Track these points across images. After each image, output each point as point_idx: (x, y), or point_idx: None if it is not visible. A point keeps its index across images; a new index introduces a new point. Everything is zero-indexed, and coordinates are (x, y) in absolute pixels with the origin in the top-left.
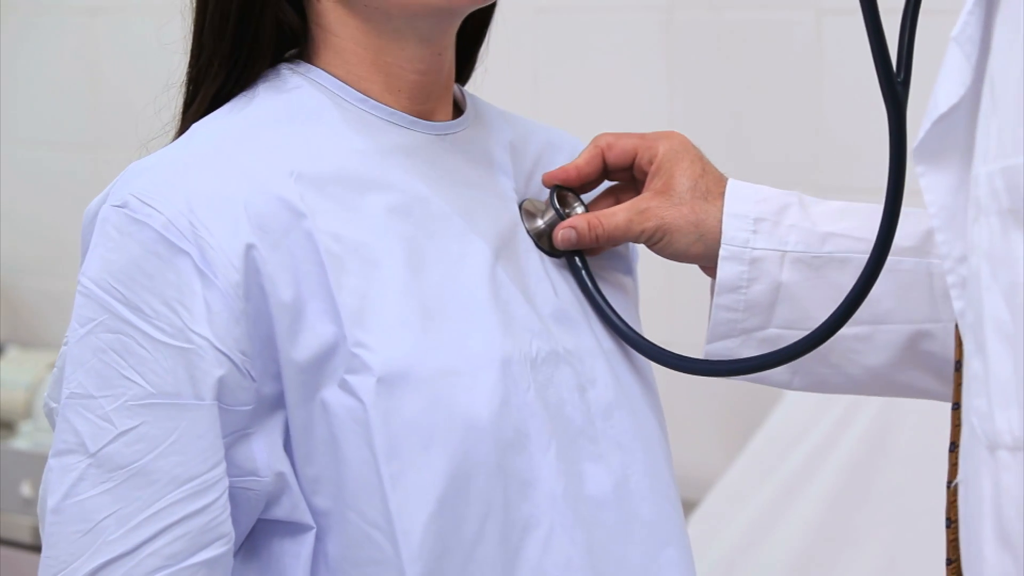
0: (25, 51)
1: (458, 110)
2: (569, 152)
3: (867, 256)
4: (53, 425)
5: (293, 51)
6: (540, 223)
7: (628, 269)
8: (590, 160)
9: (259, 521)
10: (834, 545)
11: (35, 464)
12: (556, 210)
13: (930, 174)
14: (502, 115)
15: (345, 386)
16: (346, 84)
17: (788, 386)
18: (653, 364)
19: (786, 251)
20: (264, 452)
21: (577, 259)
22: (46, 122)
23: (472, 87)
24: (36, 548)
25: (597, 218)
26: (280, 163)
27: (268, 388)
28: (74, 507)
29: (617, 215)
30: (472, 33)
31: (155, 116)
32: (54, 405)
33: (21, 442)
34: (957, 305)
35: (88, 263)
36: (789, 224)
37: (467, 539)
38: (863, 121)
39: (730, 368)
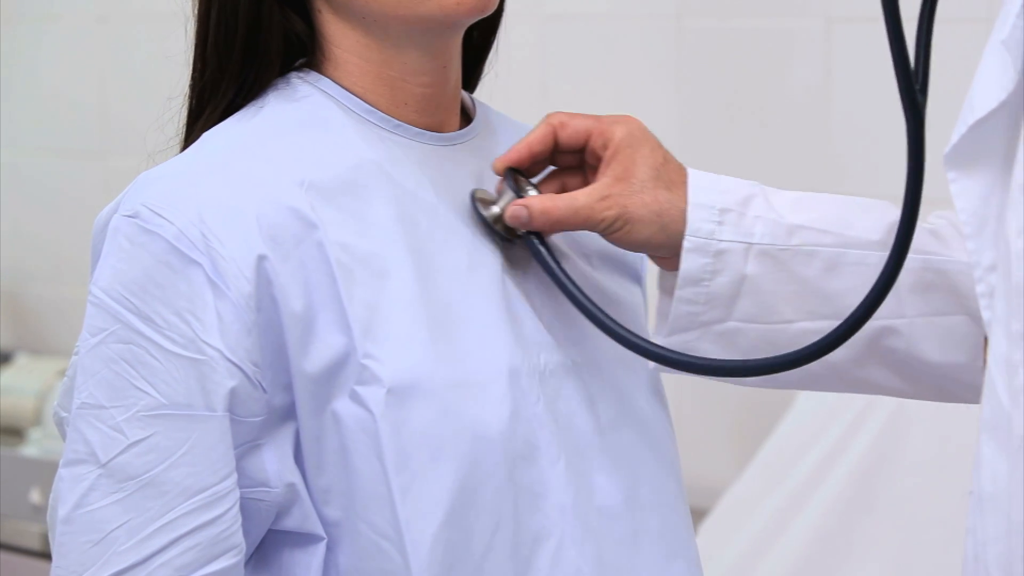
0: (33, 58)
1: (467, 118)
2: None
3: (834, 250)
4: (63, 434)
5: (302, 60)
6: (496, 209)
7: (636, 278)
8: (542, 138)
9: (270, 532)
10: (843, 554)
11: (44, 471)
12: (514, 192)
13: (961, 180)
14: (512, 124)
15: (355, 397)
16: (353, 95)
17: (745, 383)
18: (663, 376)
19: (752, 243)
20: (275, 463)
21: (536, 239)
22: (54, 130)
23: (482, 94)
24: (45, 555)
25: (552, 200)
26: (290, 173)
27: (279, 399)
28: (85, 517)
29: (576, 199)
30: (479, 43)
31: (160, 129)
32: (64, 414)
33: (30, 449)
34: (986, 315)
35: (99, 273)
36: (755, 215)
37: (477, 550)
38: (873, 129)
39: (703, 365)
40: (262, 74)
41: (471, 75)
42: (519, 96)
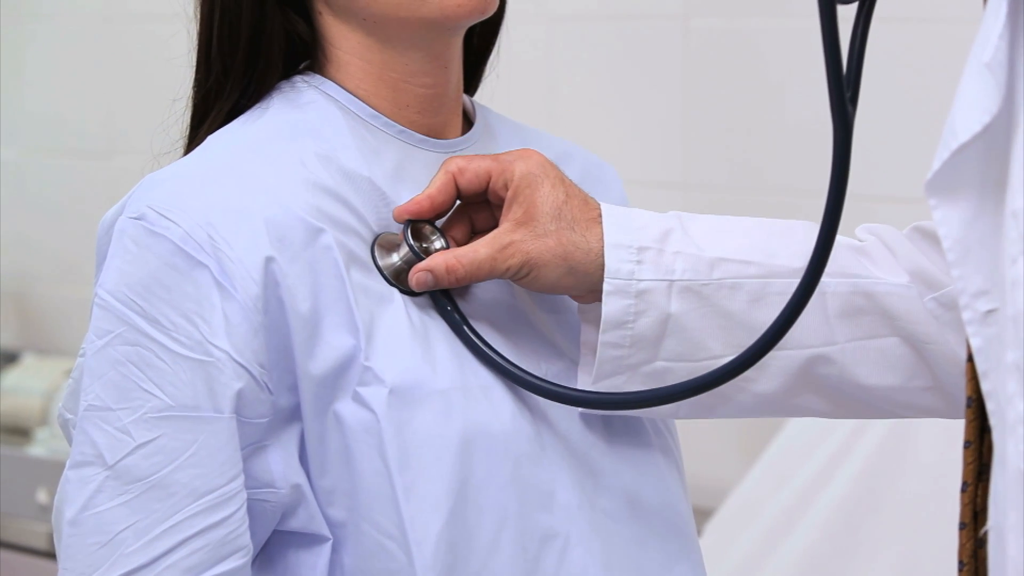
0: (36, 58)
1: (468, 123)
2: (582, 164)
3: (758, 281)
4: (68, 436)
5: (306, 63)
6: (396, 260)
7: None
8: (442, 188)
9: (275, 532)
10: (849, 555)
11: (51, 471)
12: (411, 247)
13: (943, 207)
14: (514, 127)
15: (358, 398)
16: (357, 98)
17: (676, 415)
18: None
19: (674, 280)
20: (280, 464)
21: (443, 296)
22: (58, 130)
23: (486, 96)
24: (51, 555)
25: (456, 258)
26: (298, 175)
27: (284, 400)
28: (92, 519)
29: (478, 252)
30: (480, 45)
31: (165, 132)
32: (69, 416)
33: (37, 449)
34: (975, 342)
35: (105, 275)
36: (674, 251)
37: (481, 549)
38: (881, 129)
39: (616, 401)
40: (265, 76)
41: (472, 77)
42: (525, 97)
